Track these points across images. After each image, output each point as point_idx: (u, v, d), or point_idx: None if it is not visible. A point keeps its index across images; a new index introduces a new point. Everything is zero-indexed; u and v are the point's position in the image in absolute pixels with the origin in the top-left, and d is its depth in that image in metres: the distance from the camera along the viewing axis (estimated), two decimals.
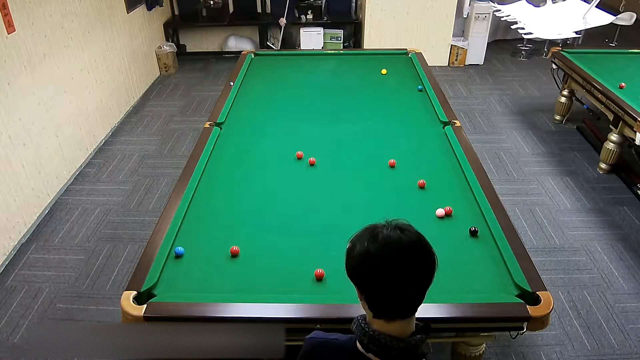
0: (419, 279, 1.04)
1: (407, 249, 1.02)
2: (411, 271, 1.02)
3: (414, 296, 1.05)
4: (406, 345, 1.05)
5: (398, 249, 1.02)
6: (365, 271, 1.04)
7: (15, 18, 3.44)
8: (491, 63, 6.69)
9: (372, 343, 1.06)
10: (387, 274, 1.01)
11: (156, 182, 4.18)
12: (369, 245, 1.02)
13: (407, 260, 1.02)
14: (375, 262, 1.02)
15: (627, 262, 3.26)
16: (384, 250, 1.01)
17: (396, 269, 1.01)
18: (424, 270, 1.04)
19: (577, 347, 2.69)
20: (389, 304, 1.04)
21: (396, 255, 1.01)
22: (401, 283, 1.02)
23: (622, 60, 4.82)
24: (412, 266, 1.02)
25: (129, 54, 5.45)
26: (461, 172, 2.69)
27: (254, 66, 4.28)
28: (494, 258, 2.11)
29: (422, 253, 1.04)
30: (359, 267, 1.04)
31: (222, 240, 2.20)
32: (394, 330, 1.06)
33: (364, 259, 1.03)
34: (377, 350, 1.05)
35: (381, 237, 1.02)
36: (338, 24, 6.75)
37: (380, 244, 1.02)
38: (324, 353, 1.15)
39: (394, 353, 1.04)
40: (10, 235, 3.37)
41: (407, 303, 1.05)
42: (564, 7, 5.53)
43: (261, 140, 3.13)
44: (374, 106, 3.56)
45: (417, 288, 1.04)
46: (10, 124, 3.40)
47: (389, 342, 1.04)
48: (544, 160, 4.44)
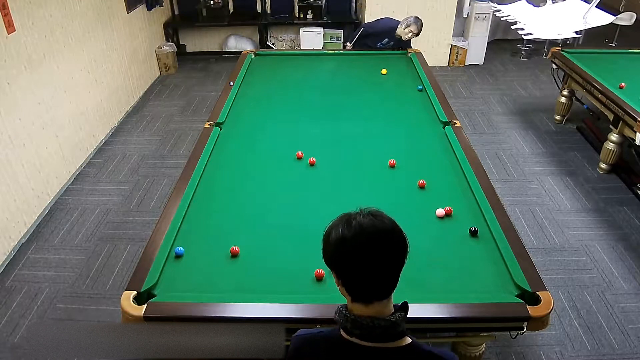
0: (393, 262, 1.09)
1: (381, 234, 1.07)
2: (385, 255, 1.07)
3: (388, 278, 1.10)
4: (387, 323, 1.09)
5: (372, 235, 1.07)
6: (341, 257, 1.08)
7: (15, 18, 3.44)
8: (491, 63, 6.69)
9: (355, 327, 1.09)
10: (363, 258, 1.06)
11: (156, 182, 4.18)
12: (344, 232, 1.07)
13: (380, 244, 1.07)
14: (350, 247, 1.07)
15: (627, 262, 3.26)
16: (359, 236, 1.06)
17: (371, 253, 1.06)
18: (397, 253, 1.09)
19: (577, 347, 2.69)
20: (366, 287, 1.09)
21: (370, 240, 1.06)
22: (376, 266, 1.07)
23: (622, 60, 4.82)
24: (385, 250, 1.07)
25: (129, 54, 5.45)
26: (461, 172, 2.69)
27: (254, 66, 4.28)
28: (494, 258, 2.11)
29: (395, 238, 1.10)
30: (335, 254, 1.09)
31: (222, 240, 2.20)
32: (373, 312, 1.10)
33: (340, 245, 1.08)
34: (360, 333, 1.09)
35: (355, 224, 1.08)
36: (338, 24, 6.75)
37: (355, 230, 1.07)
38: (310, 347, 1.18)
39: (376, 333, 1.09)
40: (10, 235, 3.37)
41: (382, 285, 1.10)
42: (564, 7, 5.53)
43: (261, 140, 3.13)
44: (374, 106, 3.56)
45: (392, 270, 1.09)
46: (10, 124, 3.40)
47: (370, 323, 1.08)
48: (544, 160, 4.44)
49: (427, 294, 1.92)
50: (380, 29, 4.60)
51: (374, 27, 4.66)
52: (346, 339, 1.12)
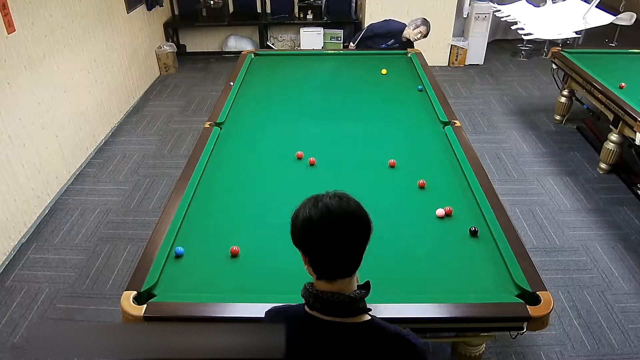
0: (356, 242, 1.14)
1: (346, 216, 1.12)
2: (349, 235, 1.13)
3: (352, 258, 1.15)
4: (346, 298, 1.14)
5: (338, 216, 1.11)
6: (308, 237, 1.14)
7: (15, 18, 3.44)
8: (491, 63, 6.69)
9: (316, 301, 1.16)
10: (328, 238, 1.12)
11: (156, 182, 4.18)
12: (311, 213, 1.13)
13: (345, 225, 1.12)
14: (317, 228, 1.12)
15: (627, 262, 3.26)
16: (325, 217, 1.11)
17: (336, 233, 1.12)
18: (361, 234, 1.14)
19: (577, 347, 2.69)
20: (330, 265, 1.14)
21: (336, 221, 1.11)
22: (340, 246, 1.12)
23: (622, 60, 4.82)
24: (349, 231, 1.12)
25: (129, 54, 5.45)
26: (461, 172, 2.69)
27: (254, 66, 4.28)
28: (494, 258, 2.11)
29: (359, 220, 1.14)
30: (302, 233, 1.15)
31: (222, 240, 2.20)
32: (336, 289, 1.16)
33: (307, 225, 1.13)
34: (320, 307, 1.16)
35: (321, 205, 1.12)
36: (338, 24, 6.75)
37: (321, 212, 1.12)
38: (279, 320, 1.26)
39: (335, 307, 1.15)
40: (10, 235, 3.37)
41: (346, 264, 1.15)
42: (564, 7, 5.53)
43: (261, 140, 3.13)
44: (374, 106, 3.56)
45: (355, 250, 1.15)
46: (10, 124, 3.40)
47: (330, 298, 1.15)
48: (544, 160, 4.44)
49: (427, 294, 1.92)
50: (387, 30, 4.61)
51: (380, 28, 4.66)
52: (309, 313, 1.19)
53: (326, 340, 1.16)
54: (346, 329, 1.16)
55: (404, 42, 4.57)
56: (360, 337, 1.16)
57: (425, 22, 4.42)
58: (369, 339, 1.16)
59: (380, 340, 1.16)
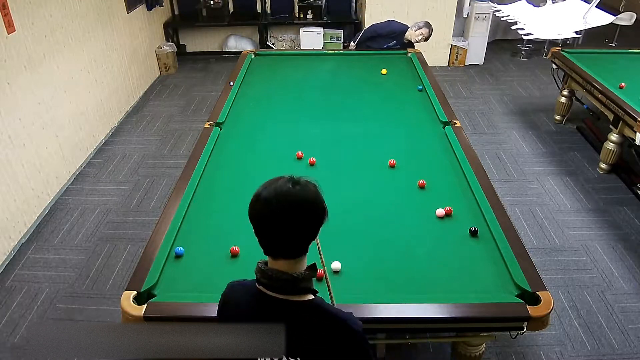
0: (297, 228, 1.16)
1: (291, 202, 1.14)
2: (289, 220, 1.15)
3: (294, 242, 1.18)
4: (288, 277, 1.18)
5: (282, 200, 1.14)
6: (251, 213, 1.18)
7: (15, 18, 3.44)
8: (491, 63, 6.69)
9: (263, 277, 1.21)
10: (267, 218, 1.16)
11: (156, 182, 4.18)
12: (262, 191, 1.17)
13: (287, 210, 1.14)
14: (260, 206, 1.16)
15: (627, 262, 3.26)
16: (270, 198, 1.14)
17: (275, 216, 1.14)
18: (303, 222, 1.16)
19: (577, 347, 2.69)
20: (269, 245, 1.19)
21: (280, 203, 1.14)
22: (279, 229, 1.15)
23: (622, 60, 4.82)
24: (291, 216, 1.14)
25: (129, 54, 5.45)
26: (461, 172, 2.69)
27: (254, 66, 4.28)
28: (494, 258, 2.11)
29: (304, 207, 1.16)
30: (249, 209, 1.19)
31: (222, 240, 2.20)
32: (283, 268, 1.20)
33: (254, 202, 1.18)
34: (266, 282, 1.21)
35: (274, 186, 1.16)
36: (338, 24, 6.75)
37: (270, 192, 1.15)
38: (232, 293, 1.33)
39: (278, 284, 1.19)
40: (10, 235, 3.37)
41: (287, 246, 1.18)
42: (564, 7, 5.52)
43: (261, 140, 3.13)
44: (374, 106, 3.56)
45: (296, 236, 1.17)
46: (10, 124, 3.40)
47: (275, 275, 1.19)
48: (544, 160, 4.44)
49: (427, 294, 1.92)
50: (390, 30, 4.60)
51: (383, 29, 4.65)
52: (258, 288, 1.24)
53: (269, 315, 1.21)
54: (288, 306, 1.20)
55: (405, 44, 4.58)
56: (300, 315, 1.20)
57: (428, 25, 4.43)
58: (309, 317, 1.20)
59: (320, 319, 1.20)
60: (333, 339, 1.18)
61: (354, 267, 2.06)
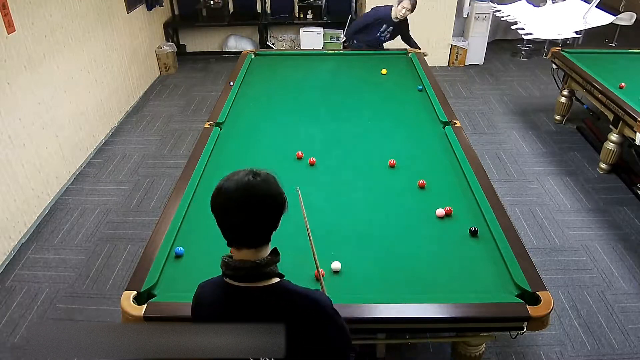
0: (255, 219, 1.19)
1: (252, 192, 1.17)
2: (250, 210, 1.17)
3: (251, 233, 1.20)
4: (252, 264, 1.21)
5: (242, 190, 1.17)
6: (213, 204, 1.21)
7: (15, 18, 3.44)
8: (491, 63, 6.69)
9: (227, 268, 1.24)
10: (225, 209, 1.19)
11: (156, 182, 4.18)
12: (223, 183, 1.20)
13: (249, 200, 1.17)
14: (221, 198, 1.19)
15: (627, 262, 3.26)
16: (231, 189, 1.17)
17: (232, 207, 1.17)
18: (263, 211, 1.19)
19: (577, 347, 2.69)
20: (233, 235, 1.21)
21: (238, 195, 1.17)
22: (242, 219, 1.17)
23: (622, 60, 4.82)
24: (251, 206, 1.17)
25: (129, 54, 5.45)
26: (461, 172, 2.69)
27: (254, 66, 4.28)
28: (494, 258, 2.11)
29: (265, 198, 1.19)
30: (212, 200, 1.21)
31: (222, 240, 2.19)
32: (245, 257, 1.22)
33: (215, 194, 1.20)
34: (231, 274, 1.23)
35: (235, 178, 1.19)
36: (338, 24, 6.74)
37: (230, 183, 1.19)
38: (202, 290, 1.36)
39: (241, 273, 1.22)
40: (10, 235, 3.37)
41: (246, 236, 1.21)
42: (564, 7, 5.52)
43: (261, 140, 3.13)
44: (374, 106, 3.56)
45: (254, 227, 1.20)
46: (10, 124, 3.40)
47: (238, 265, 1.22)
48: (544, 160, 4.44)
49: (427, 294, 1.92)
50: (377, 17, 4.60)
51: (370, 17, 4.64)
52: (224, 281, 1.26)
53: (239, 304, 1.24)
54: (255, 292, 1.22)
55: (398, 24, 4.55)
56: (268, 299, 1.22)
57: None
58: (277, 299, 1.22)
59: (288, 299, 1.22)
60: (303, 316, 1.21)
61: (354, 267, 2.06)
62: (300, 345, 1.21)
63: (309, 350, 1.22)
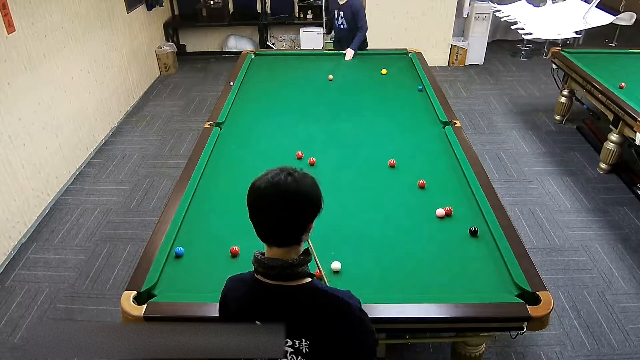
0: (286, 219, 1.19)
1: (282, 191, 1.17)
2: (278, 209, 1.18)
3: (283, 231, 1.21)
4: (284, 264, 1.22)
5: (270, 188, 1.18)
6: (249, 202, 1.22)
7: (15, 18, 3.44)
8: (491, 63, 6.69)
9: (259, 266, 1.24)
10: (260, 208, 1.20)
11: (156, 182, 4.18)
12: (259, 182, 1.21)
13: (280, 202, 1.17)
14: (255, 195, 1.20)
15: (627, 262, 3.26)
16: (266, 189, 1.18)
17: (267, 206, 1.18)
18: (293, 213, 1.19)
19: (577, 347, 2.69)
20: (264, 233, 1.22)
21: (266, 192, 1.18)
22: (271, 217, 1.19)
23: (622, 60, 4.82)
24: (282, 208, 1.18)
25: (129, 54, 5.45)
26: (461, 172, 2.69)
27: (254, 66, 4.28)
28: (494, 258, 2.11)
29: (294, 200, 1.19)
30: (247, 197, 1.22)
31: (222, 240, 2.20)
32: (277, 255, 1.23)
33: (251, 190, 1.22)
34: (262, 271, 1.24)
35: (270, 176, 1.20)
36: None
37: (265, 182, 1.19)
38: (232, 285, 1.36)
39: (274, 272, 1.22)
40: (10, 235, 3.37)
41: (280, 235, 1.22)
42: (564, 7, 5.52)
43: (261, 140, 3.13)
44: (374, 106, 3.56)
45: (287, 224, 1.20)
46: (10, 124, 3.40)
47: (270, 263, 1.22)
48: (544, 160, 4.44)
49: (427, 294, 1.92)
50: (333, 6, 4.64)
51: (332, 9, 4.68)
52: (255, 277, 1.27)
53: (268, 302, 1.25)
54: (286, 291, 1.23)
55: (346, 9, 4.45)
56: (298, 298, 1.24)
57: None
58: (306, 299, 1.24)
59: (318, 300, 1.23)
60: (333, 316, 1.22)
61: (354, 267, 2.06)
62: (326, 346, 1.22)
63: (335, 351, 1.22)
